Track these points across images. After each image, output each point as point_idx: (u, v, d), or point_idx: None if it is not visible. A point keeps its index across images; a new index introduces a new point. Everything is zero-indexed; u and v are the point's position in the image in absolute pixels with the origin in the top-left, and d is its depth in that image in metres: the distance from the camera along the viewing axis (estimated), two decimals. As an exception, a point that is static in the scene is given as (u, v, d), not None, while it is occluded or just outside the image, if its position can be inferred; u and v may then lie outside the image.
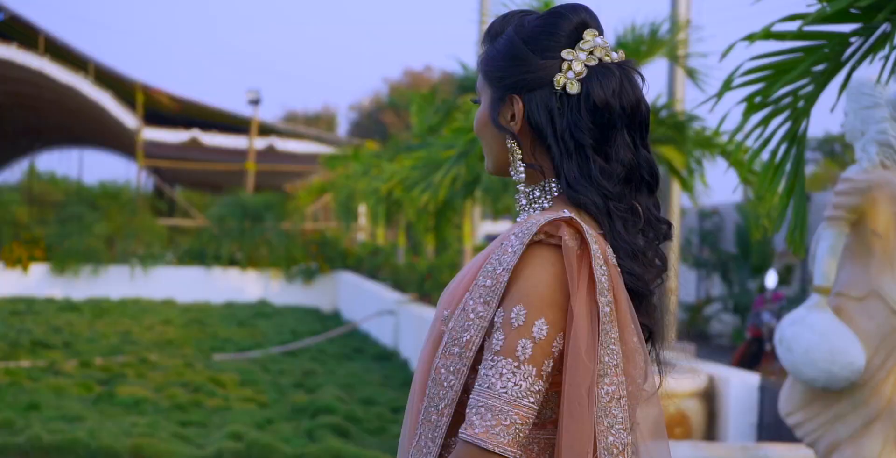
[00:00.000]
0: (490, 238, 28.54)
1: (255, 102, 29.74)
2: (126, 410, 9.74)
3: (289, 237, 24.58)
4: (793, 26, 3.82)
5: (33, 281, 22.92)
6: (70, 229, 23.52)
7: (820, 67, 4.00)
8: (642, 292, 1.74)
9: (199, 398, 10.30)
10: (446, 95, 14.87)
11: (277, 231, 24.67)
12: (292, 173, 32.61)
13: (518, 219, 1.81)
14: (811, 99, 4.04)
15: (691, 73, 9.23)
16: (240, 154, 30.88)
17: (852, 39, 3.77)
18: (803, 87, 4.04)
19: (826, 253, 4.72)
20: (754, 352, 10.41)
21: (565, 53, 1.76)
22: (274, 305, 22.83)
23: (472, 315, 1.65)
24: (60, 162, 75.91)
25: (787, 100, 4.08)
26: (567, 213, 1.68)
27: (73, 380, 11.25)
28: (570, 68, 1.75)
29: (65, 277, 22.99)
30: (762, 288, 16.17)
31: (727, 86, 3.98)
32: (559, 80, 1.75)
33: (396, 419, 9.77)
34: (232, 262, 24.22)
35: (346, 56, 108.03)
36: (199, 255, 24.33)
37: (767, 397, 7.68)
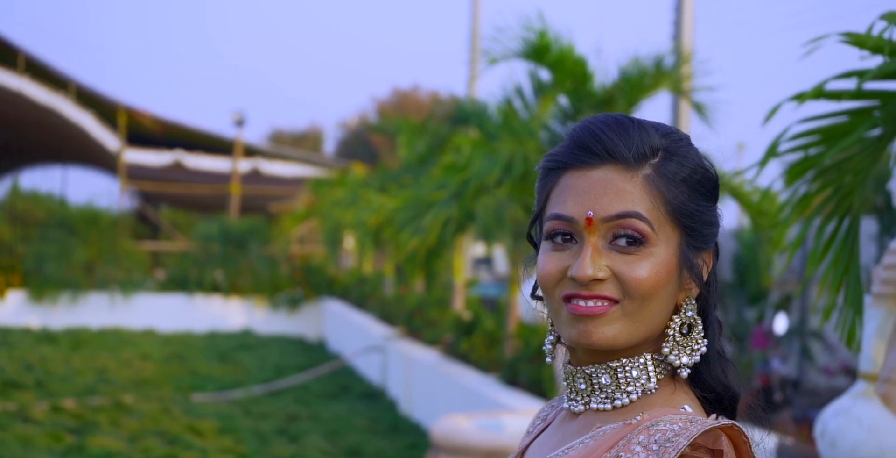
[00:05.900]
0: (479, 262, 27.86)
1: (240, 124, 29.13)
2: (96, 465, 9.16)
3: (273, 263, 23.95)
4: (849, 84, 3.34)
5: (10, 309, 22.22)
6: (49, 253, 22.83)
7: (875, 132, 3.51)
8: None
9: (174, 451, 9.70)
10: (436, 120, 14.29)
11: (261, 257, 24.04)
12: (278, 196, 32.01)
13: (594, 405, 1.36)
14: (865, 170, 3.53)
15: (699, 108, 8.71)
16: (224, 177, 30.26)
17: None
18: (856, 155, 3.53)
19: (873, 334, 4.17)
20: (763, 404, 9.87)
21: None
22: (258, 334, 22.19)
23: None
24: (44, 180, 75.16)
25: (832, 172, 3.57)
26: (689, 408, 1.33)
27: (42, 428, 10.65)
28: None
29: (43, 304, 22.30)
30: (761, 318, 15.75)
31: (772, 152, 3.47)
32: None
33: (384, 474, 9.27)
34: (215, 288, 23.57)
35: (333, 73, 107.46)
36: (182, 282, 23.68)
37: (785, 462, 7.14)
